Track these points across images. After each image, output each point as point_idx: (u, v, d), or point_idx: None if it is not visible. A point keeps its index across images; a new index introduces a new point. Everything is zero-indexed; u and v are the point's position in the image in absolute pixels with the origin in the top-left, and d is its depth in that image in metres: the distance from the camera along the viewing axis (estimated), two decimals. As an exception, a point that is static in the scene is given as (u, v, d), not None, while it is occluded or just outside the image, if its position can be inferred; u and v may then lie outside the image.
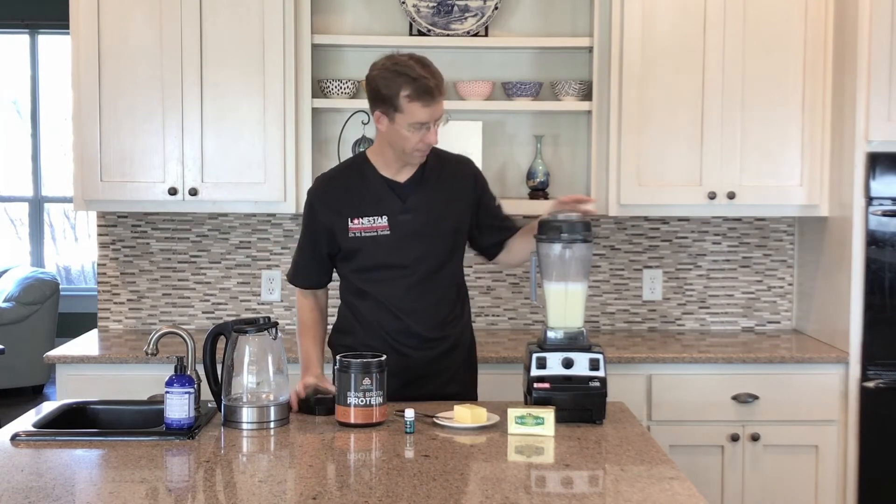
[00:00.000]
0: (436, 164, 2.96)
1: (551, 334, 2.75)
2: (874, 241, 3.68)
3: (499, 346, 3.83)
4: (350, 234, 2.90)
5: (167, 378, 2.56)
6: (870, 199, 3.66)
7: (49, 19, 8.41)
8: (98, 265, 4.25)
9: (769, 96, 3.87)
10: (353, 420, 2.57)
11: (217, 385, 2.69)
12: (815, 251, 4.04)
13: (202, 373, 2.68)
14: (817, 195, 3.89)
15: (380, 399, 2.59)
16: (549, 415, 2.54)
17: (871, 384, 3.67)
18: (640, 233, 4.26)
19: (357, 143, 4.10)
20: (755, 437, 3.68)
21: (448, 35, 3.99)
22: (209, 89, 3.83)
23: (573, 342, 2.73)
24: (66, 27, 3.90)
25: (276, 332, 2.65)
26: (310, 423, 2.65)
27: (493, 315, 4.23)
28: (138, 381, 3.50)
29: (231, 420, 2.61)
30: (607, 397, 2.69)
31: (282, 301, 4.23)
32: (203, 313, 4.23)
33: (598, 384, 2.67)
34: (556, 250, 2.74)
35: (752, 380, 3.69)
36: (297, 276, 3.07)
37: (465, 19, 4.02)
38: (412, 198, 2.91)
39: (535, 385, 2.68)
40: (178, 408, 2.52)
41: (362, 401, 2.57)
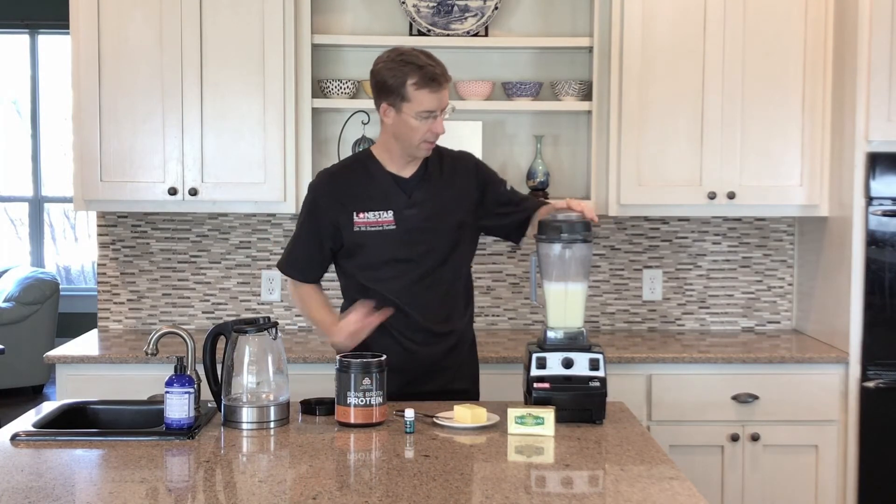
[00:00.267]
0: (438, 160, 2.97)
1: (551, 334, 2.75)
2: (874, 241, 3.68)
3: (499, 346, 3.83)
4: (355, 228, 2.89)
5: (167, 378, 2.56)
6: (870, 199, 3.66)
7: (49, 19, 8.41)
8: (98, 265, 4.25)
9: (769, 96, 3.87)
10: (353, 420, 2.57)
11: (217, 385, 2.69)
12: (815, 251, 4.04)
13: (202, 373, 2.68)
14: (817, 195, 3.89)
15: (380, 399, 2.59)
16: (549, 415, 2.54)
17: (871, 384, 3.67)
18: (640, 233, 4.26)
19: (357, 143, 4.10)
20: (755, 437, 3.68)
21: (448, 35, 3.99)
22: (209, 89, 3.83)
23: (573, 342, 2.74)
24: (66, 27, 3.90)
25: (276, 332, 2.65)
26: (310, 423, 2.65)
27: (493, 315, 4.23)
28: (138, 381, 3.50)
29: (231, 420, 2.61)
30: (607, 397, 2.69)
31: (282, 301, 4.23)
32: (203, 313, 4.23)
33: (598, 384, 2.67)
34: (556, 250, 2.74)
35: (752, 380, 3.69)
36: (291, 267, 3.04)
37: (465, 19, 4.02)
38: (417, 193, 2.92)
39: (535, 385, 2.68)
40: (178, 408, 2.52)
41: (362, 401, 2.57)
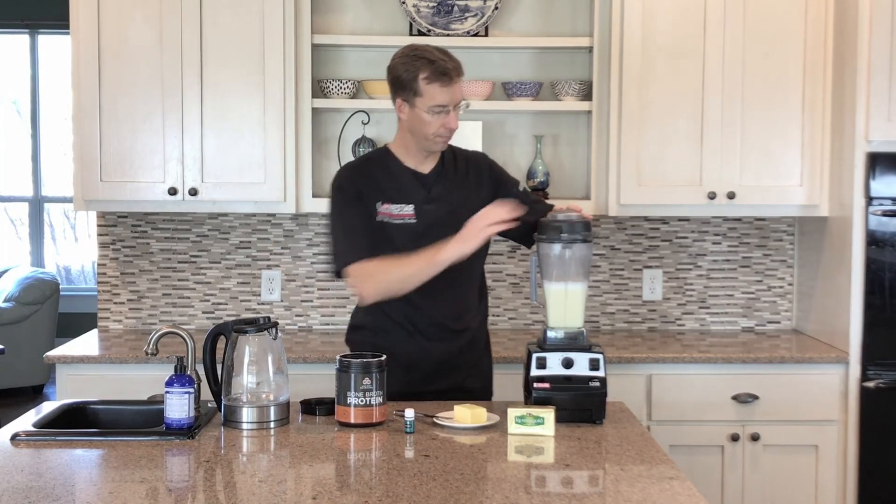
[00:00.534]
0: (453, 158, 3.00)
1: (551, 334, 2.75)
2: (874, 241, 3.68)
3: (499, 346, 3.83)
4: (378, 219, 2.89)
5: (167, 378, 2.56)
6: (870, 199, 3.66)
7: (49, 19, 8.41)
8: (98, 265, 4.25)
9: (769, 96, 3.87)
10: (353, 420, 2.57)
11: (217, 385, 2.69)
12: (815, 251, 4.04)
13: (202, 373, 2.68)
14: (817, 195, 3.89)
15: (380, 399, 2.59)
16: (549, 415, 2.54)
17: (871, 384, 3.67)
18: (640, 233, 4.26)
19: (357, 143, 4.10)
20: (755, 437, 3.68)
21: (448, 35, 3.99)
22: (209, 89, 3.83)
23: (573, 342, 2.74)
24: (66, 27, 3.90)
25: (276, 332, 2.65)
26: (310, 423, 2.65)
27: (493, 315, 4.23)
28: (138, 381, 3.50)
29: (231, 420, 2.61)
30: (607, 397, 2.69)
31: (282, 301, 4.23)
32: (203, 313, 4.23)
33: (598, 384, 2.67)
34: (556, 250, 2.74)
35: (752, 380, 3.69)
36: (353, 251, 2.84)
37: (465, 19, 4.02)
38: (436, 188, 2.94)
39: (535, 385, 2.68)
40: (178, 408, 2.52)
41: (362, 401, 2.57)
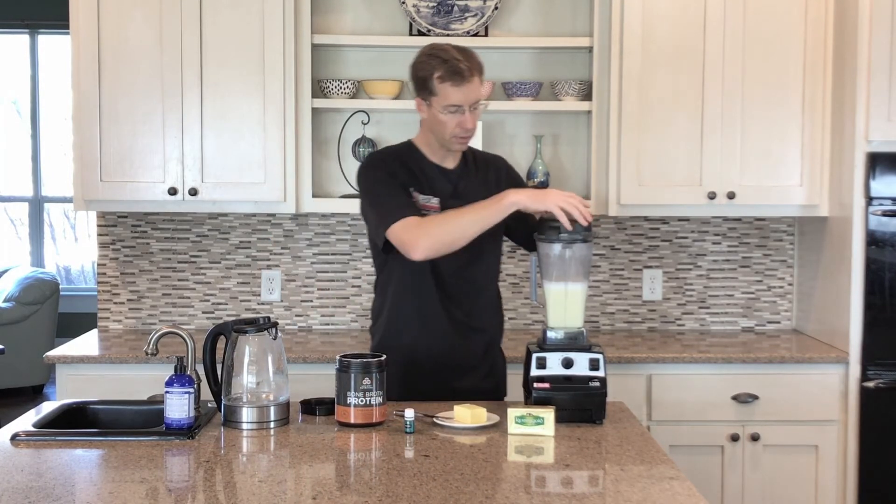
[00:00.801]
0: (473, 158, 3.03)
1: (551, 334, 2.75)
2: (874, 241, 3.68)
3: (499, 346, 3.83)
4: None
5: (167, 378, 2.56)
6: (870, 199, 3.66)
7: (49, 19, 8.41)
8: (98, 265, 4.25)
9: (769, 96, 3.87)
10: (353, 420, 2.57)
11: (217, 385, 2.69)
12: (815, 251, 4.04)
13: (202, 373, 2.68)
14: (817, 195, 3.89)
15: (380, 399, 2.59)
16: (549, 415, 2.54)
17: (871, 384, 3.67)
18: (640, 233, 4.26)
19: (357, 143, 4.10)
20: (755, 437, 3.68)
21: (448, 35, 3.98)
22: (209, 89, 3.83)
23: (573, 342, 2.73)
24: (66, 27, 3.90)
25: (276, 332, 2.65)
26: (310, 423, 2.65)
27: (493, 315, 4.23)
28: (138, 381, 3.50)
29: (231, 420, 2.61)
30: (607, 397, 2.69)
31: (282, 301, 4.23)
32: (203, 313, 4.23)
33: (598, 384, 2.67)
34: (555, 250, 2.74)
35: (752, 380, 3.69)
36: (399, 210, 2.78)
37: (465, 19, 4.02)
38: (462, 184, 2.95)
39: (535, 385, 2.67)
40: (178, 408, 2.52)
41: (362, 401, 2.57)
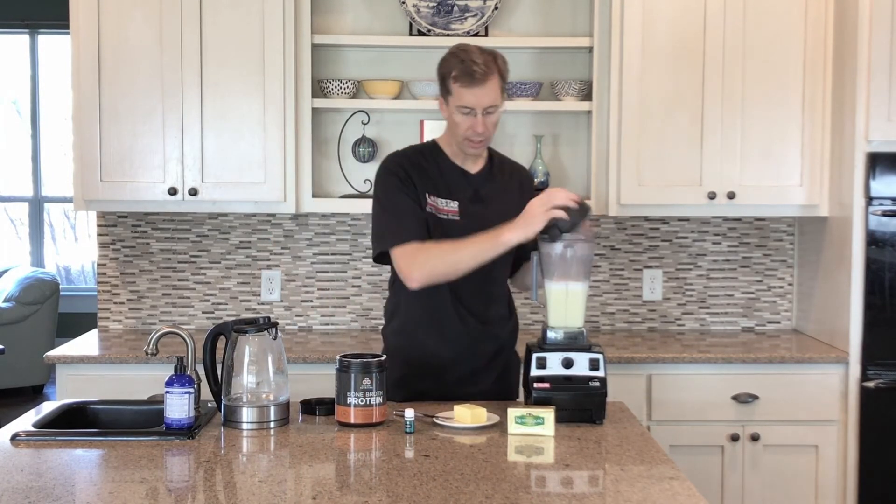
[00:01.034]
0: (500, 163, 3.00)
1: (551, 334, 2.75)
2: (874, 241, 3.68)
3: (499, 346, 3.83)
4: (426, 209, 2.86)
5: (167, 378, 2.56)
6: (870, 199, 3.66)
7: (49, 19, 8.41)
8: (98, 265, 4.25)
9: (769, 96, 3.87)
10: (353, 420, 2.57)
11: (217, 385, 2.68)
12: (815, 251, 4.04)
13: (202, 373, 2.68)
14: (817, 195, 3.89)
15: (380, 399, 2.59)
16: (549, 415, 2.54)
17: (871, 384, 3.67)
18: (640, 233, 4.26)
19: (357, 143, 4.10)
20: (755, 437, 3.68)
21: (448, 35, 3.99)
22: (209, 89, 3.83)
23: (573, 342, 2.73)
24: (66, 27, 3.90)
25: (276, 332, 2.65)
26: (310, 423, 2.65)
27: (493, 315, 4.23)
28: (138, 381, 3.50)
29: (231, 420, 2.60)
30: (607, 397, 2.69)
31: (282, 301, 4.23)
32: (203, 313, 4.23)
33: (598, 384, 2.67)
34: (557, 249, 2.74)
35: (752, 380, 3.69)
36: (402, 232, 2.79)
37: (465, 19, 4.02)
38: (483, 189, 2.91)
39: (535, 385, 2.67)
40: (178, 408, 2.52)
41: (362, 401, 2.57)
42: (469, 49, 2.81)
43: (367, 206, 3.94)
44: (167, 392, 2.53)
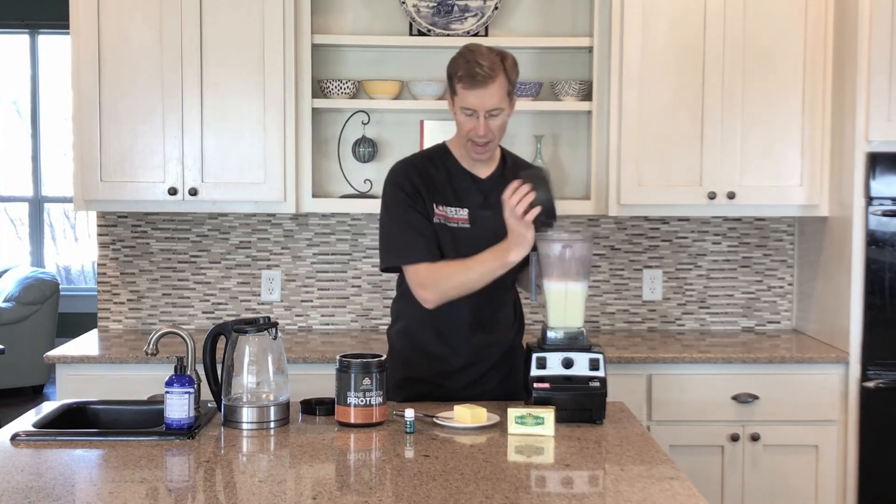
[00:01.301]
0: (514, 166, 2.95)
1: (551, 334, 2.75)
2: (874, 241, 3.68)
3: (499, 346, 3.83)
4: (434, 220, 2.85)
5: (167, 378, 2.56)
6: (870, 199, 3.66)
7: (49, 19, 8.42)
8: (98, 265, 4.26)
9: (769, 96, 3.87)
10: (353, 420, 2.57)
11: (217, 385, 2.68)
12: (815, 251, 4.04)
13: (202, 373, 2.68)
14: (817, 195, 3.89)
15: (380, 399, 2.59)
16: (549, 415, 2.54)
17: (871, 384, 3.67)
18: (640, 233, 4.26)
19: (357, 144, 4.10)
20: (755, 437, 3.68)
21: (448, 35, 3.99)
22: (209, 89, 3.83)
23: (573, 342, 2.73)
24: (66, 27, 3.90)
25: (276, 332, 2.65)
26: (310, 423, 2.65)
27: (493, 315, 4.23)
28: (138, 381, 3.50)
29: (231, 420, 2.60)
30: (607, 397, 2.69)
31: (282, 301, 4.23)
32: (203, 313, 4.23)
33: (598, 384, 2.67)
34: (555, 249, 2.74)
35: (752, 380, 3.69)
36: (413, 250, 2.81)
37: (465, 19, 4.02)
38: (493, 194, 2.85)
39: (535, 385, 2.67)
40: (178, 408, 2.52)
41: (362, 401, 2.57)
42: (476, 50, 2.78)
43: (367, 206, 3.96)
44: (167, 392, 2.53)
